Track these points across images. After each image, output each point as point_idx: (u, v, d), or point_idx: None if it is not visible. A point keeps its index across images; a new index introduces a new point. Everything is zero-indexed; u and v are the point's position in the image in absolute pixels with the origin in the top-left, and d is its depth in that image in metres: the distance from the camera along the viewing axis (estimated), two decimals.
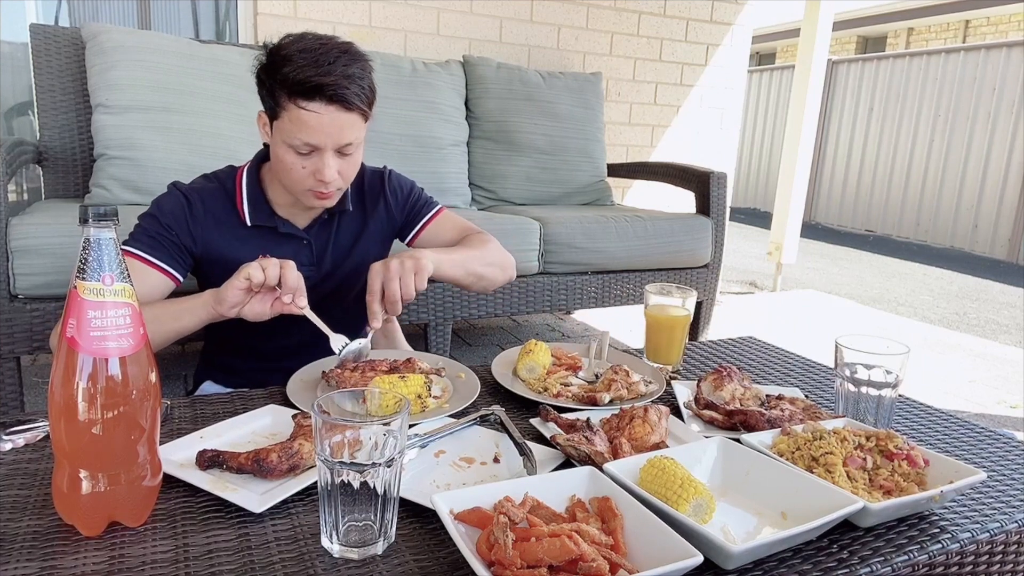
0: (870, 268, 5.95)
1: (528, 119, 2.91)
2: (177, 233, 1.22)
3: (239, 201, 1.27)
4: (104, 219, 0.65)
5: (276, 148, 1.18)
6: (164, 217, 1.21)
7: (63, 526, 0.69)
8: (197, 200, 1.24)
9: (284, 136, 1.14)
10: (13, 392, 1.79)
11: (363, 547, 0.67)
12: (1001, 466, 0.95)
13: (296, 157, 1.15)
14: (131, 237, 1.21)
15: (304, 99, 1.10)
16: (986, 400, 2.66)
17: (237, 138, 2.23)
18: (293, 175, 1.18)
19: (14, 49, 2.75)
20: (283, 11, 2.85)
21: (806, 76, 4.18)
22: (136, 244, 1.19)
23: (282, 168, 1.18)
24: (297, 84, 1.09)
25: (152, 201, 1.26)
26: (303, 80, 1.09)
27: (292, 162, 1.16)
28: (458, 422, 0.95)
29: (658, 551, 0.64)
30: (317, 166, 1.16)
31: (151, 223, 1.22)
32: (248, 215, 1.27)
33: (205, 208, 1.25)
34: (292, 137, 1.13)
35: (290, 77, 1.09)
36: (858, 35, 12.60)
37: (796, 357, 1.42)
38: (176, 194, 1.25)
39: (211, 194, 1.26)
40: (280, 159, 1.17)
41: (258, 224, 1.27)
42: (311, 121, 1.11)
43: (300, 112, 1.11)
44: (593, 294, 2.54)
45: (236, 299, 1.05)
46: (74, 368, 0.65)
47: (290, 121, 1.12)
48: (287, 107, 1.12)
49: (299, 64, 1.09)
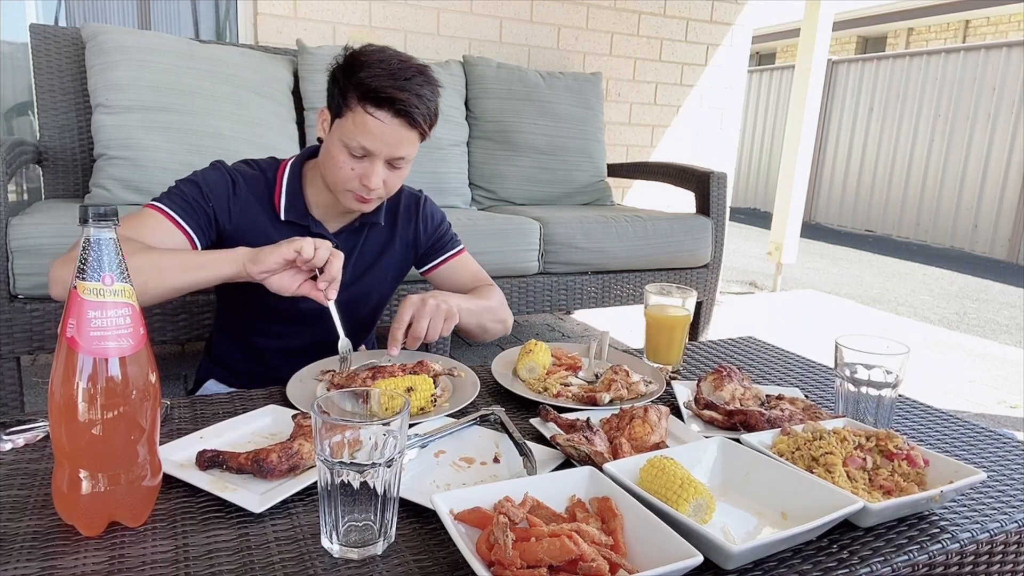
0: (870, 268, 5.96)
1: (528, 119, 2.91)
2: (214, 205, 1.23)
3: (277, 193, 1.29)
4: (104, 219, 0.65)
5: (331, 145, 1.20)
6: (206, 187, 1.23)
7: (63, 526, 0.69)
8: (241, 181, 1.27)
9: (343, 135, 1.17)
10: (13, 392, 1.79)
11: (363, 547, 0.67)
12: (1001, 466, 0.95)
13: (348, 157, 1.18)
14: (165, 196, 1.22)
15: (373, 106, 1.14)
16: (986, 400, 2.66)
17: (237, 138, 2.23)
18: (341, 174, 1.20)
19: (14, 49, 2.75)
20: (283, 11, 2.85)
21: (806, 76, 4.18)
22: (169, 203, 1.20)
23: (331, 165, 1.21)
24: (371, 91, 1.13)
25: (194, 171, 1.27)
26: (378, 88, 1.13)
27: (343, 161, 1.19)
28: (458, 422, 0.95)
29: (658, 551, 0.64)
30: (366, 171, 1.19)
31: (191, 188, 1.23)
32: (283, 209, 1.28)
33: (246, 192, 1.27)
34: (351, 138, 1.16)
35: (365, 82, 1.13)
36: (858, 35, 12.60)
37: (796, 357, 1.42)
38: (222, 171, 1.27)
39: (253, 180, 1.29)
40: (332, 156, 1.20)
41: (291, 220, 1.29)
42: (374, 128, 1.15)
43: (366, 117, 1.14)
44: (593, 294, 2.54)
45: (274, 265, 1.05)
46: (74, 368, 0.65)
47: (353, 123, 1.16)
48: (354, 109, 1.15)
49: (377, 73, 1.13)
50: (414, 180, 2.88)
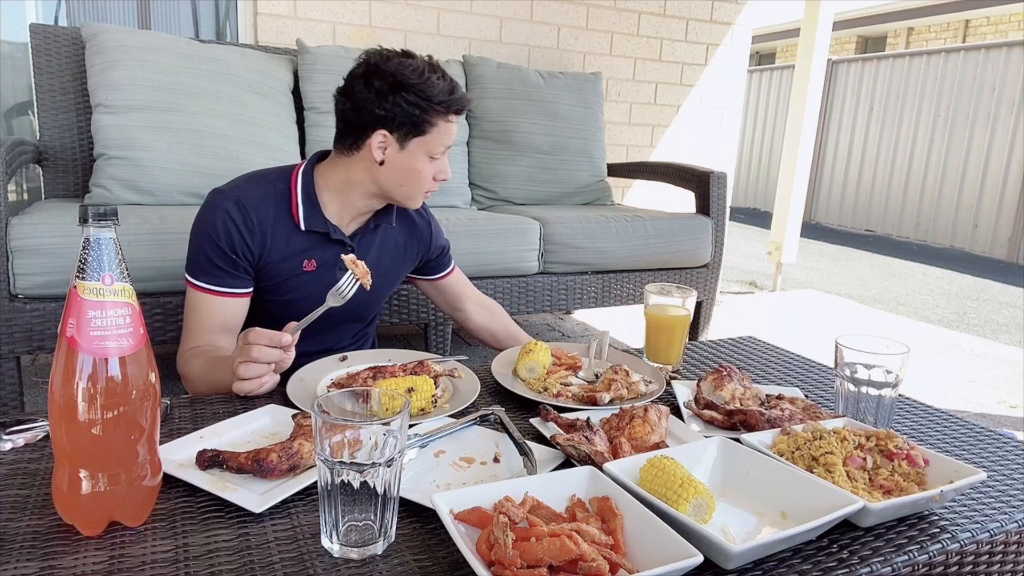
0: (870, 268, 5.95)
1: (528, 119, 2.91)
2: (238, 252, 1.24)
3: (294, 205, 1.29)
4: (104, 219, 0.65)
5: (412, 161, 1.28)
6: (222, 242, 1.23)
7: (63, 526, 0.69)
8: (251, 210, 1.25)
9: (430, 148, 1.28)
10: (13, 392, 1.79)
11: (363, 547, 0.67)
12: (1001, 466, 0.95)
13: (429, 164, 1.29)
14: (198, 268, 1.24)
15: (454, 115, 1.28)
16: (986, 400, 2.66)
17: (237, 138, 2.23)
18: (422, 180, 1.30)
19: (14, 49, 2.75)
20: (283, 11, 2.85)
21: (806, 76, 4.18)
22: (205, 278, 1.23)
23: (416, 178, 1.30)
24: (453, 103, 1.26)
25: (200, 217, 1.26)
26: (450, 101, 1.26)
27: (426, 170, 1.29)
28: (458, 422, 0.95)
29: (658, 551, 0.64)
30: (440, 167, 1.31)
31: (213, 251, 1.23)
32: (303, 220, 1.29)
33: (259, 217, 1.25)
34: (438, 146, 1.28)
35: (441, 99, 1.24)
36: (858, 35, 12.60)
37: (796, 357, 1.42)
38: (224, 209, 1.23)
39: (263, 200, 1.27)
40: (417, 170, 1.29)
41: (311, 229, 1.30)
42: (452, 130, 1.30)
43: (449, 125, 1.28)
44: (593, 294, 2.54)
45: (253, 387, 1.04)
46: (74, 368, 0.65)
47: (439, 133, 1.27)
48: (437, 123, 1.26)
49: (441, 88, 1.24)
50: None
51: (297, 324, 1.06)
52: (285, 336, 1.03)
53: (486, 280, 2.30)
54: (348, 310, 1.22)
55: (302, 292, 1.31)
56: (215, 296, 1.24)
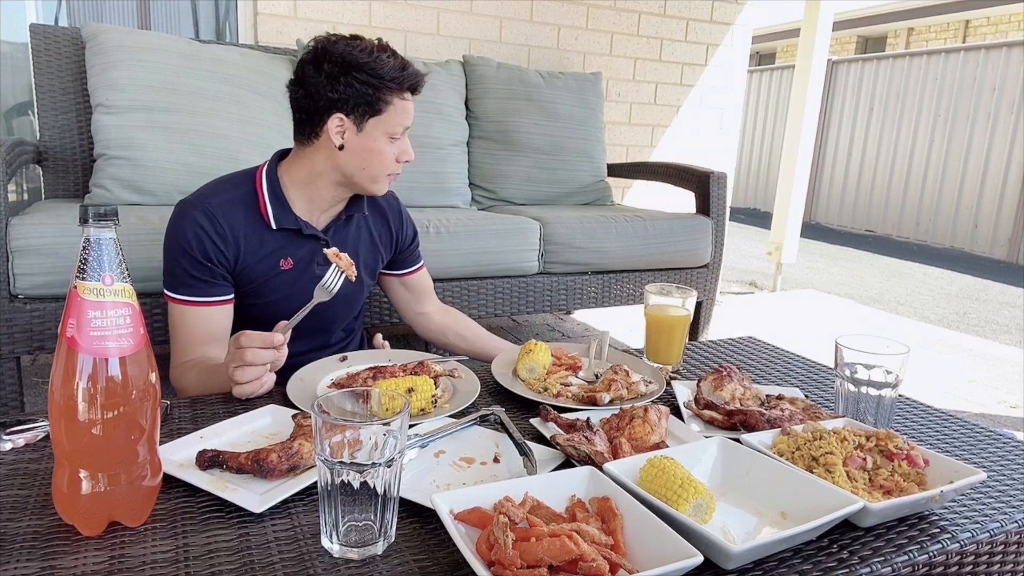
0: (870, 268, 5.95)
1: (528, 119, 2.91)
2: (213, 260, 1.23)
3: (262, 205, 1.28)
4: (104, 219, 0.65)
5: (371, 142, 1.27)
6: (195, 252, 1.22)
7: (63, 526, 0.69)
8: (219, 216, 1.24)
9: (388, 127, 1.27)
10: (13, 392, 1.79)
11: (363, 547, 0.67)
12: (1001, 466, 0.95)
13: (389, 145, 1.29)
14: (176, 282, 1.23)
15: (408, 91, 1.28)
16: (986, 400, 2.66)
17: (237, 138, 2.23)
18: (385, 161, 1.29)
19: (14, 49, 2.75)
20: (283, 11, 2.85)
21: (806, 76, 4.18)
22: (185, 290, 1.23)
23: (378, 160, 1.29)
24: (405, 79, 1.26)
25: (170, 230, 1.25)
26: (402, 77, 1.25)
27: (387, 151, 1.29)
28: (458, 422, 0.95)
29: (658, 551, 0.64)
30: (402, 148, 1.31)
31: (188, 262, 1.22)
32: (273, 218, 1.28)
33: (228, 223, 1.25)
34: (396, 126, 1.28)
35: (393, 75, 1.24)
36: (858, 35, 12.60)
37: (796, 357, 1.42)
38: (193, 218, 1.23)
39: (230, 205, 1.26)
40: (378, 151, 1.28)
41: (283, 227, 1.29)
42: (408, 108, 1.29)
43: (404, 103, 1.28)
44: (593, 294, 2.54)
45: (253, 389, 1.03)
46: (74, 368, 0.65)
47: (395, 112, 1.27)
48: (392, 101, 1.26)
49: (392, 65, 1.24)
50: (415, 181, 2.87)
51: (287, 322, 1.06)
52: (277, 336, 1.03)
53: (486, 280, 2.30)
54: (335, 303, 1.22)
55: (283, 292, 1.31)
56: (198, 307, 1.23)
